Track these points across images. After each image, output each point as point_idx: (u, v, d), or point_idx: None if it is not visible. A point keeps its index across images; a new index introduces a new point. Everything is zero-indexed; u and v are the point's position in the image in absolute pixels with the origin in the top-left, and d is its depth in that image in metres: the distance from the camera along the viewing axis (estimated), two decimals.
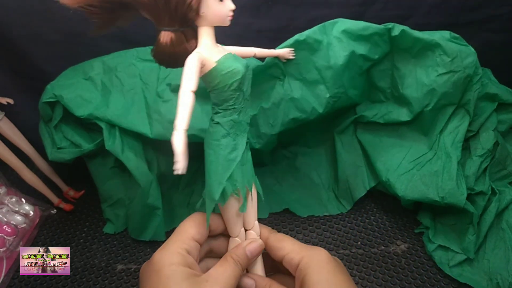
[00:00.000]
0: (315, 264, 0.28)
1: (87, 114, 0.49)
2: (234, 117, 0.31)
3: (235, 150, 0.31)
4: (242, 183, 0.31)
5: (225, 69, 0.29)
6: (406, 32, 0.48)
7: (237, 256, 0.29)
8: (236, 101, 0.30)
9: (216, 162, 0.30)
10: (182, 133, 0.26)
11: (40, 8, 0.57)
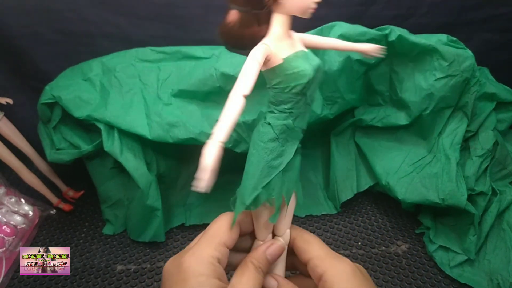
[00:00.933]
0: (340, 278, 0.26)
1: (86, 115, 0.49)
2: (288, 122, 0.28)
3: (281, 157, 0.28)
4: (279, 193, 0.28)
5: (292, 69, 0.26)
6: (403, 37, 0.48)
7: (257, 262, 0.28)
8: (295, 105, 0.27)
9: (257, 165, 0.28)
10: (218, 145, 0.23)
11: (40, 8, 0.57)
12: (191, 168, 0.58)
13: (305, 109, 0.28)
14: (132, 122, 0.48)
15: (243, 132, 0.49)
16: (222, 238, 0.27)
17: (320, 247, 0.28)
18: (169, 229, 0.54)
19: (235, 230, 0.28)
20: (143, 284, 0.45)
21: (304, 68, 0.26)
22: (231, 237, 0.28)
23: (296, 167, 0.30)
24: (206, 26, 0.60)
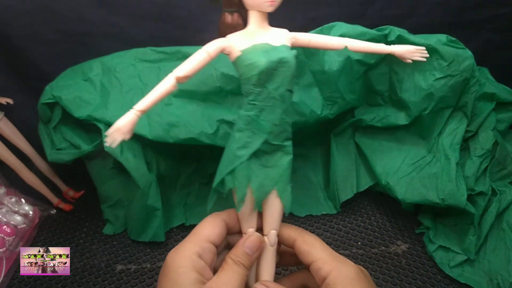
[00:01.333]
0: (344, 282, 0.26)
1: (86, 115, 0.49)
2: (251, 114, 0.29)
3: (245, 148, 0.29)
4: (243, 183, 0.29)
5: (247, 60, 0.28)
6: (403, 37, 0.48)
7: (236, 257, 0.28)
8: (257, 97, 0.28)
9: (226, 152, 0.30)
10: (133, 112, 0.27)
11: (40, 8, 0.57)
12: (191, 168, 0.58)
13: (272, 103, 0.28)
14: None
15: None
16: (204, 235, 0.28)
17: (323, 249, 0.28)
18: (169, 229, 0.54)
19: (219, 225, 0.30)
20: (143, 284, 0.45)
21: (257, 60, 0.27)
22: (215, 232, 0.29)
23: (281, 165, 0.30)
24: (206, 26, 0.60)
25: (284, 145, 0.30)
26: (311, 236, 0.30)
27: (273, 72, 0.27)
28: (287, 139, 0.30)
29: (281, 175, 0.30)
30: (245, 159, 0.29)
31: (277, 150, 0.30)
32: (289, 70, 0.28)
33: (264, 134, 0.29)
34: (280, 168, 0.30)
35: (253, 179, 0.29)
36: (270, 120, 0.29)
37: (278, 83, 0.28)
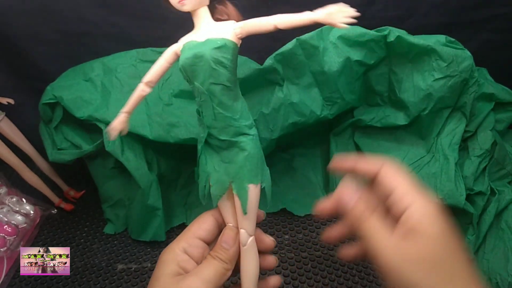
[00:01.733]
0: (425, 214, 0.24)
1: (87, 115, 0.49)
2: (197, 109, 0.31)
3: (200, 143, 0.31)
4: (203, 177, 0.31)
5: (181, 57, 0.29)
6: (402, 38, 0.48)
7: (214, 252, 0.29)
8: (194, 93, 0.30)
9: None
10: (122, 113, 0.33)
11: (40, 8, 0.57)
12: (192, 168, 0.58)
13: (204, 98, 0.29)
14: (133, 122, 0.48)
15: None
16: (191, 231, 0.30)
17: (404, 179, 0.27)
18: (170, 229, 0.54)
19: (207, 221, 0.31)
20: (143, 283, 0.46)
21: (181, 57, 0.29)
22: (201, 228, 0.30)
23: (237, 162, 0.30)
24: None
25: (236, 140, 0.29)
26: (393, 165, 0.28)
27: (193, 68, 0.28)
28: (238, 134, 0.29)
29: (237, 172, 0.29)
30: (199, 154, 0.31)
31: (232, 146, 0.30)
32: (206, 64, 0.28)
33: (206, 128, 0.30)
34: (236, 164, 0.30)
35: (212, 174, 0.30)
36: (207, 115, 0.29)
37: (201, 78, 0.28)
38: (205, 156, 0.31)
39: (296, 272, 0.47)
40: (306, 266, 0.48)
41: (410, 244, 0.24)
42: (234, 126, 0.29)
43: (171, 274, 0.27)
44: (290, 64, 0.48)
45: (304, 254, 0.50)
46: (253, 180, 0.30)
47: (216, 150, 0.31)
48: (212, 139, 0.30)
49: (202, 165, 0.31)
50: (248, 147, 0.29)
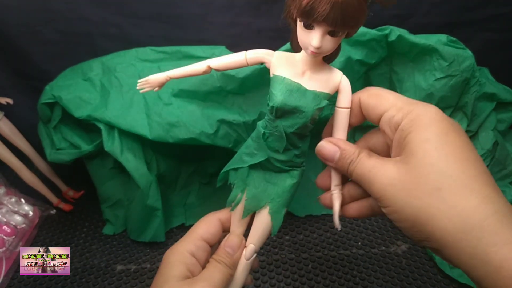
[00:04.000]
0: (423, 121, 0.23)
1: (86, 115, 0.49)
2: (261, 131, 0.29)
3: (250, 157, 0.30)
4: (240, 186, 0.30)
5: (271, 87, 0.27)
6: (403, 37, 0.48)
7: (218, 256, 0.29)
8: (269, 122, 0.28)
9: (239, 149, 0.31)
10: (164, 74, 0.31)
11: (40, 8, 0.57)
12: (191, 168, 0.58)
13: (279, 134, 0.28)
14: (132, 122, 0.48)
15: (243, 132, 0.49)
16: (198, 233, 0.30)
17: (396, 97, 0.26)
18: (169, 229, 0.54)
19: (214, 224, 0.31)
20: (143, 284, 0.45)
21: (276, 94, 0.26)
22: (209, 231, 0.30)
23: (281, 186, 0.30)
24: (206, 26, 0.60)
25: (290, 170, 0.30)
26: (377, 89, 0.27)
27: (286, 114, 0.27)
28: (294, 167, 0.30)
29: (279, 195, 0.30)
30: (246, 166, 0.30)
31: (282, 171, 0.30)
32: (303, 119, 0.27)
33: (268, 154, 0.29)
34: (280, 188, 0.30)
35: (250, 188, 0.30)
36: (275, 146, 0.29)
37: (289, 124, 0.27)
38: (248, 167, 0.30)
39: (296, 273, 0.47)
40: (307, 267, 0.48)
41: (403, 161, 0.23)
42: (295, 162, 0.30)
43: (180, 277, 0.27)
44: None
45: (304, 255, 0.49)
46: (288, 205, 0.31)
47: (263, 168, 0.30)
48: (265, 161, 0.30)
49: (242, 175, 0.30)
50: (298, 177, 0.30)
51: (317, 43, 0.23)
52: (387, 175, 0.23)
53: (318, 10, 0.22)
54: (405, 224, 0.22)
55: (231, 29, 0.61)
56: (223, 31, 0.61)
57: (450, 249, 0.21)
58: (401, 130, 0.24)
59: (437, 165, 0.22)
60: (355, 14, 0.22)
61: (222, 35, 0.61)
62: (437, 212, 0.21)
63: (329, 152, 0.27)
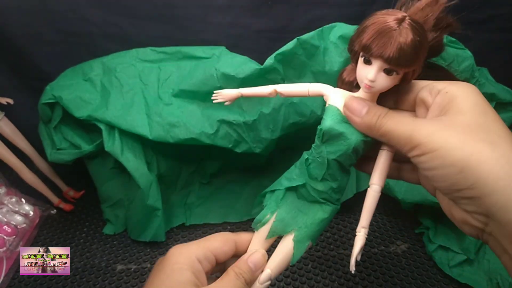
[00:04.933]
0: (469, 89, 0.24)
1: (86, 115, 0.49)
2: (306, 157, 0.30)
3: (289, 181, 0.31)
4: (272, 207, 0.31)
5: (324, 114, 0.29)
6: None
7: (239, 269, 0.28)
8: (315, 148, 0.29)
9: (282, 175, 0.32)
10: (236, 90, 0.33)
11: (40, 8, 0.57)
12: (192, 168, 0.58)
13: (322, 161, 0.29)
14: (132, 122, 0.48)
15: (243, 132, 0.49)
16: (212, 244, 0.28)
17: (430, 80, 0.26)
18: (170, 229, 0.54)
19: (229, 244, 0.29)
20: (143, 284, 0.46)
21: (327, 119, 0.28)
22: (223, 249, 0.29)
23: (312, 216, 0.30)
24: (206, 26, 0.60)
25: (324, 203, 0.30)
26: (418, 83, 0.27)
27: (332, 140, 0.28)
28: (329, 201, 0.30)
29: (307, 225, 0.30)
30: (283, 188, 0.31)
31: (316, 202, 0.30)
32: (346, 147, 0.28)
33: (306, 180, 0.30)
34: (309, 219, 0.30)
35: (280, 211, 0.30)
36: (315, 173, 0.29)
37: (332, 150, 0.28)
38: (284, 191, 0.31)
39: (296, 273, 0.47)
40: (307, 267, 0.48)
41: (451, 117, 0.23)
42: (332, 197, 0.30)
43: (189, 284, 0.25)
44: (291, 64, 0.48)
45: (304, 255, 0.49)
46: (313, 240, 0.31)
47: (299, 196, 0.31)
48: (302, 187, 0.30)
49: (277, 197, 0.31)
50: (330, 213, 0.30)
51: (372, 77, 0.25)
52: (433, 125, 0.23)
53: (377, 46, 0.24)
54: (452, 169, 0.22)
55: (231, 30, 0.61)
56: (223, 31, 0.61)
57: (498, 195, 0.21)
58: (445, 92, 0.24)
59: (487, 125, 0.23)
60: (410, 57, 0.24)
61: (222, 35, 0.61)
62: (490, 159, 0.21)
63: (357, 106, 0.27)
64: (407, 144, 0.24)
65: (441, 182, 0.23)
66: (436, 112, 0.25)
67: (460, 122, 0.23)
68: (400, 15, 0.24)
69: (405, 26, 0.23)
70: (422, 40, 0.24)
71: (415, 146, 0.23)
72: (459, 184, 0.22)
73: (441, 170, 0.22)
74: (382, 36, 0.24)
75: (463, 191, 0.22)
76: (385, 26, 0.24)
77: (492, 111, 0.24)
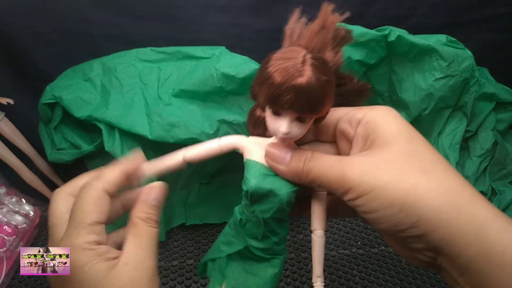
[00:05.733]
0: (390, 115, 0.23)
1: (87, 115, 0.49)
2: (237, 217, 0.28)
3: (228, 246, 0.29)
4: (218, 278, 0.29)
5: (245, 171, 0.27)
6: (403, 37, 0.48)
7: (145, 213, 0.25)
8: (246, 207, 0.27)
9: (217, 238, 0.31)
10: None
11: (40, 8, 0.57)
12: (191, 168, 0.58)
13: (256, 220, 0.27)
14: (132, 122, 0.48)
15: (243, 132, 0.49)
16: (92, 219, 0.24)
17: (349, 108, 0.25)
18: (170, 229, 0.54)
19: (105, 201, 0.25)
20: None
21: (249, 178, 0.26)
22: (102, 211, 0.25)
23: (262, 277, 0.28)
24: (206, 26, 0.60)
25: (270, 258, 0.29)
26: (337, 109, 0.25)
27: (262, 199, 0.26)
28: (275, 255, 0.29)
29: (260, 285, 0.28)
30: (224, 255, 0.29)
31: (263, 260, 0.29)
32: (278, 204, 0.26)
33: (246, 242, 0.28)
34: (261, 279, 0.28)
35: (229, 280, 0.29)
36: (253, 233, 0.28)
37: (265, 208, 0.26)
38: (227, 258, 0.29)
39: (296, 273, 0.47)
40: (307, 267, 0.48)
41: (379, 151, 0.22)
42: (275, 251, 0.29)
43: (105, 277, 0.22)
44: None
45: (304, 255, 0.49)
46: None
47: (243, 257, 0.29)
48: (244, 249, 0.29)
49: (220, 266, 0.29)
50: (279, 266, 0.29)
51: (285, 129, 0.23)
52: (363, 163, 0.22)
53: (284, 98, 0.22)
54: (391, 210, 0.20)
55: (231, 30, 0.61)
56: (223, 31, 0.61)
57: (443, 229, 0.19)
58: (366, 122, 0.23)
59: (417, 151, 0.22)
60: (320, 100, 0.22)
61: (222, 35, 0.61)
62: (427, 191, 0.20)
63: (279, 153, 0.25)
64: (339, 188, 0.22)
65: (383, 224, 0.21)
66: (360, 145, 0.24)
67: (388, 155, 0.21)
68: (301, 56, 0.22)
69: (307, 69, 0.21)
70: (328, 78, 0.22)
71: (348, 189, 0.22)
72: (402, 224, 0.20)
73: (381, 212, 0.21)
74: (287, 87, 0.21)
75: (407, 231, 0.21)
76: (288, 73, 0.21)
77: (417, 134, 0.23)
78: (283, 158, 0.24)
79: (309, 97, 0.22)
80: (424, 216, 0.20)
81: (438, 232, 0.20)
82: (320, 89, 0.22)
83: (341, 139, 0.26)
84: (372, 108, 0.24)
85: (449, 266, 0.20)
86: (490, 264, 0.18)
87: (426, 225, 0.20)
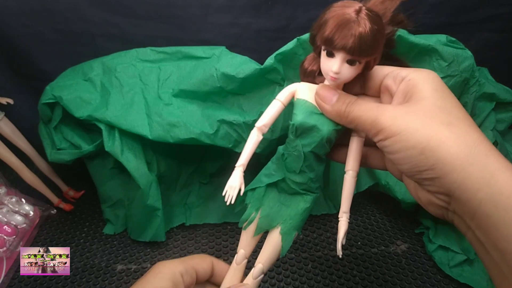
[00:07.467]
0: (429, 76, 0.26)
1: (86, 115, 0.49)
2: (280, 151, 0.31)
3: (268, 177, 0.31)
4: (255, 205, 0.31)
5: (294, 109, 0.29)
6: (402, 37, 0.48)
7: None
8: (289, 142, 0.30)
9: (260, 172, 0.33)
10: (237, 169, 0.30)
11: (40, 8, 0.57)
12: (192, 168, 0.58)
13: (298, 154, 0.29)
14: (132, 122, 0.48)
15: (243, 132, 0.49)
16: (192, 260, 0.30)
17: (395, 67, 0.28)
18: (170, 229, 0.54)
19: (208, 262, 0.31)
20: None
21: (297, 114, 0.29)
22: (201, 264, 0.30)
23: (295, 208, 0.31)
24: (206, 26, 0.60)
25: (304, 193, 0.31)
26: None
27: (305, 133, 0.29)
28: (309, 191, 0.31)
29: (291, 217, 0.31)
30: (263, 185, 0.31)
31: (296, 194, 0.31)
32: (319, 138, 0.29)
33: (285, 174, 0.31)
34: (293, 210, 0.31)
35: (264, 207, 0.31)
36: (292, 166, 0.30)
37: (306, 143, 0.29)
38: (265, 187, 0.32)
39: (296, 273, 0.47)
40: (307, 267, 0.48)
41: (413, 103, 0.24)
42: (311, 187, 0.31)
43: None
44: (291, 63, 0.48)
45: (304, 255, 0.50)
46: (299, 230, 0.31)
47: (279, 190, 0.32)
48: (282, 182, 0.31)
49: (259, 194, 0.32)
50: (311, 202, 0.31)
51: (336, 69, 0.26)
52: (396, 110, 0.25)
53: (338, 39, 0.24)
54: (413, 151, 0.23)
55: (231, 30, 0.61)
56: (223, 31, 0.61)
57: (456, 174, 0.22)
58: (408, 80, 0.26)
59: (446, 108, 0.24)
60: (369, 45, 0.25)
61: (222, 35, 0.61)
62: (447, 139, 0.22)
63: (328, 94, 0.28)
64: (372, 129, 0.25)
65: (404, 164, 0.24)
66: (400, 99, 0.26)
67: (421, 106, 0.24)
68: (357, 6, 0.25)
69: (362, 17, 0.24)
70: (380, 28, 0.25)
71: (379, 130, 0.25)
72: (420, 165, 0.23)
73: (404, 153, 0.24)
74: (342, 29, 0.24)
75: (425, 172, 0.23)
76: (344, 18, 0.24)
77: (451, 95, 0.25)
78: (330, 98, 0.27)
79: (361, 41, 0.24)
80: (441, 160, 0.22)
81: (452, 175, 0.22)
82: (371, 36, 0.24)
83: (385, 94, 0.28)
84: (416, 69, 0.27)
85: (460, 210, 0.23)
86: (497, 208, 0.20)
87: (441, 169, 0.22)
